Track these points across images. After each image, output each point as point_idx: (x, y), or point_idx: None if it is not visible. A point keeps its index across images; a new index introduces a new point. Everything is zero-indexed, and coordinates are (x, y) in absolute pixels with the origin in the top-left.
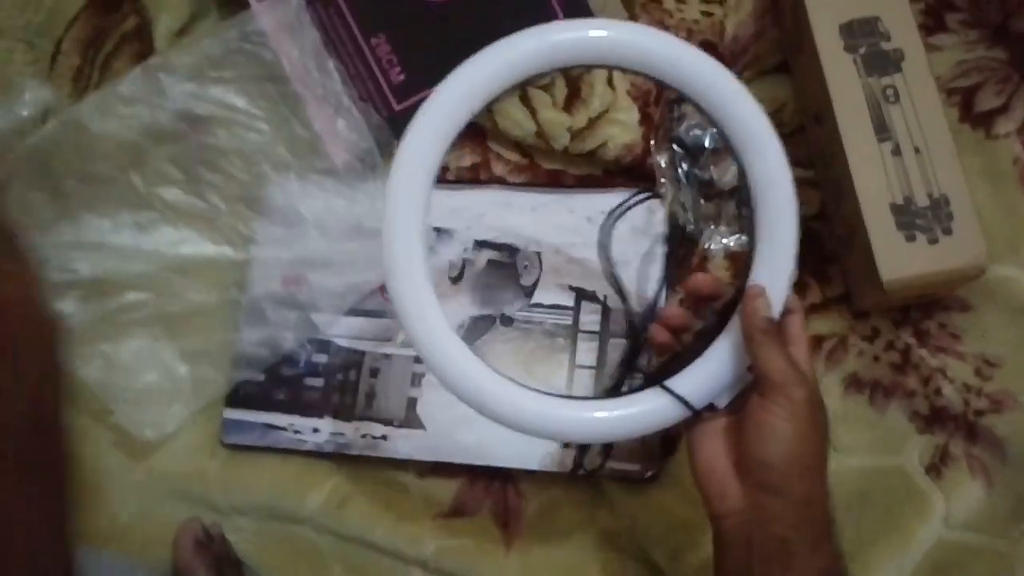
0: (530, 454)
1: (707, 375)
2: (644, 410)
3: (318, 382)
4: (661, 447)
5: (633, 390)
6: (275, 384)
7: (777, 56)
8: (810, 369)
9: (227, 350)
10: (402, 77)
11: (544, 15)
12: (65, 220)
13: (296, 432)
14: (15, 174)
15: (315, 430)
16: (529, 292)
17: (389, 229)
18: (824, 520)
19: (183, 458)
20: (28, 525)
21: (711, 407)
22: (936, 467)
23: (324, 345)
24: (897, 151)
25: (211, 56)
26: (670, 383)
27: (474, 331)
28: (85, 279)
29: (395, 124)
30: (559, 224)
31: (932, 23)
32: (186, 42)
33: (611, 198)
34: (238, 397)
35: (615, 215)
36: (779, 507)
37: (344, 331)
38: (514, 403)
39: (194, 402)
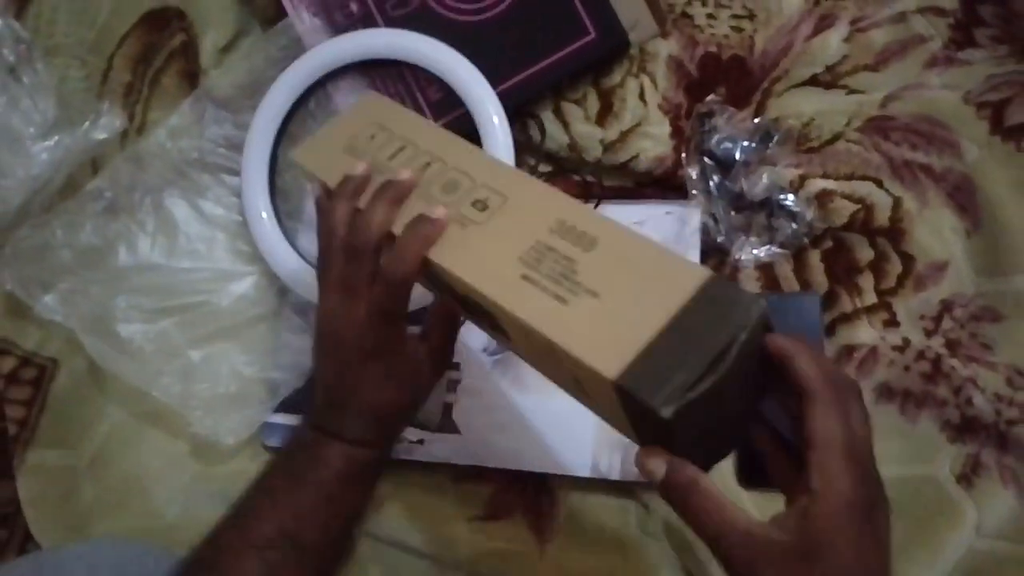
0: (564, 458)
1: None
2: None
3: None
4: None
5: None
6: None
7: (806, 70)
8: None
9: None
10: (440, 95)
11: (576, 32)
12: (124, 246)
13: None
14: (86, 209)
15: None
16: None
17: (247, 158)
18: None
19: (226, 460)
20: (364, 392)
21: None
22: (967, 476)
23: None
24: None
25: (249, 82)
26: None
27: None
28: (148, 301)
29: None
30: None
31: (961, 38)
32: (229, 60)
33: (643, 209)
34: (280, 401)
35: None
36: None
37: None
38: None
39: (269, 403)
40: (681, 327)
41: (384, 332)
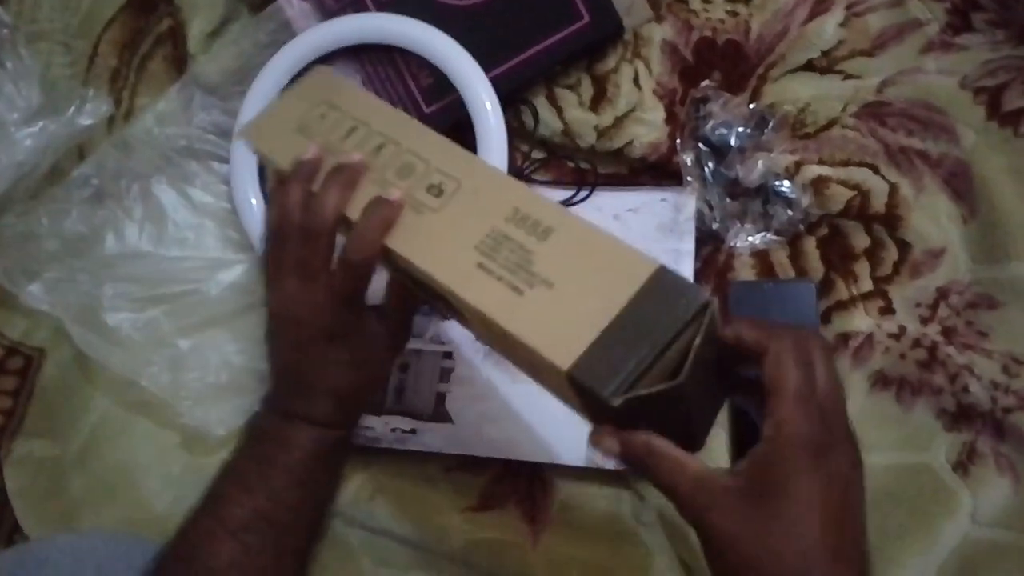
0: (557, 448)
1: None
2: None
3: None
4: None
5: None
6: None
7: (801, 55)
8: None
9: None
10: (430, 80)
11: (569, 17)
12: (112, 234)
13: None
14: (72, 196)
15: None
16: None
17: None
18: None
19: (217, 451)
20: (328, 374)
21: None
22: (963, 464)
23: None
24: None
25: (237, 67)
26: None
27: None
28: (137, 289)
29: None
30: None
31: (958, 22)
32: (217, 45)
33: (637, 196)
34: None
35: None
36: None
37: None
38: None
39: (259, 392)
40: (631, 318)
41: (345, 315)
